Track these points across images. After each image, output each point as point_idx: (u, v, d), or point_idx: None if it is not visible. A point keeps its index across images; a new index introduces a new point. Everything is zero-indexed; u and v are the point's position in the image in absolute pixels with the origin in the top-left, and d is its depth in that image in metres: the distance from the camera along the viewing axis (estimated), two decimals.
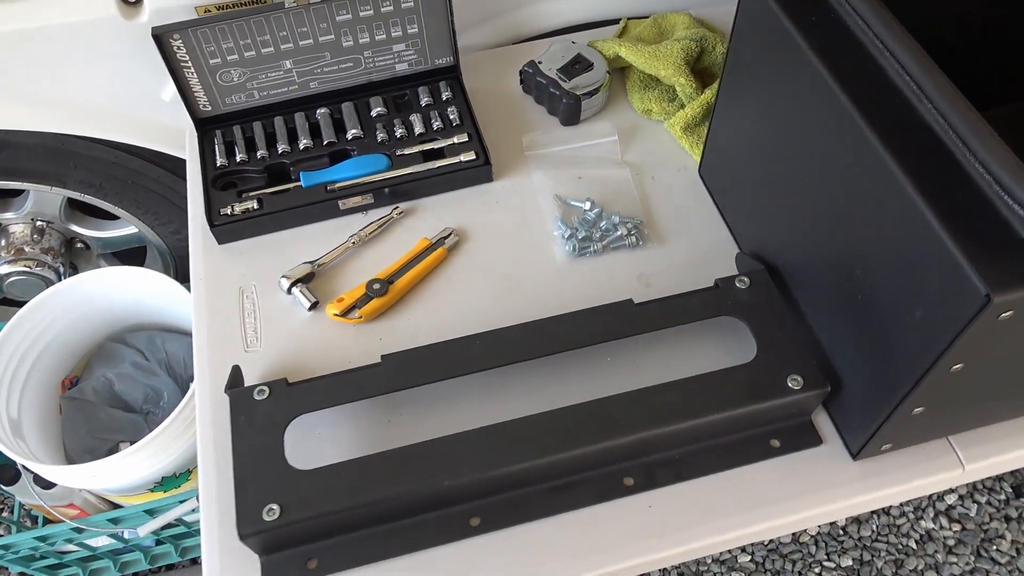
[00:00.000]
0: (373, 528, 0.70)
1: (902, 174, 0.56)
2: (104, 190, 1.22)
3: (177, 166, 1.21)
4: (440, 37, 0.96)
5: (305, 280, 0.85)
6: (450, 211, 0.92)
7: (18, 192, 1.31)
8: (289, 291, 0.84)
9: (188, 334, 1.42)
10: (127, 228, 1.39)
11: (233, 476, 0.67)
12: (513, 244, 0.89)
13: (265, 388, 0.72)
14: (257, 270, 0.88)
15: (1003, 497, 1.53)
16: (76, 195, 1.23)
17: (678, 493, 0.72)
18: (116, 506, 1.36)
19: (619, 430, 0.69)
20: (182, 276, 1.25)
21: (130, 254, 1.48)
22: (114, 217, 1.40)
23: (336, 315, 0.83)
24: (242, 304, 0.85)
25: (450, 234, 0.89)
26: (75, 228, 1.39)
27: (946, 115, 0.53)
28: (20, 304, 1.24)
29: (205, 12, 0.93)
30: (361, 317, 0.82)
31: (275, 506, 0.65)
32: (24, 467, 1.27)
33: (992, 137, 0.51)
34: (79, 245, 1.44)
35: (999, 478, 1.55)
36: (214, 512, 0.72)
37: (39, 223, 1.35)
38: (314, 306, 0.84)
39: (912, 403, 0.62)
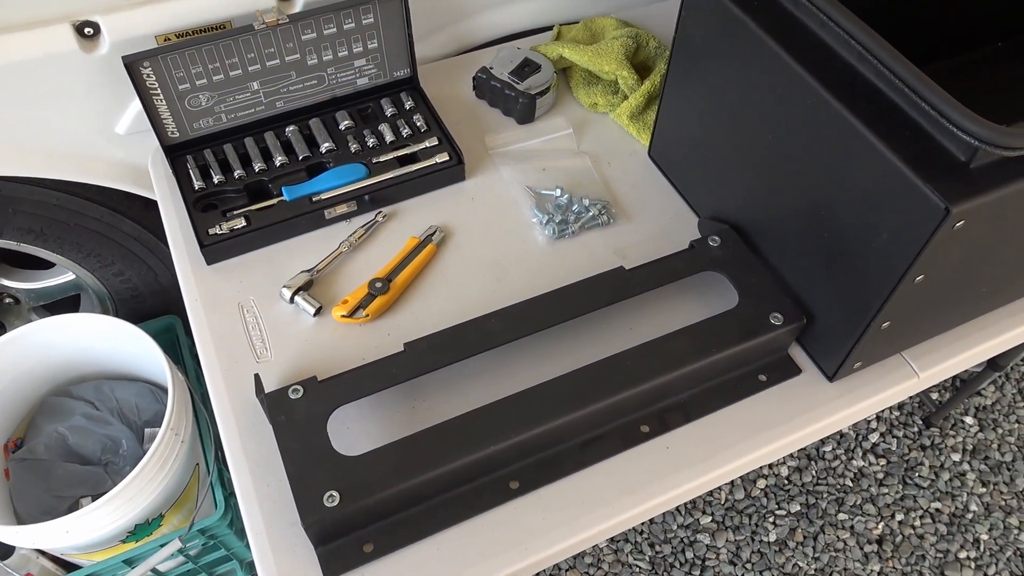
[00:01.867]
0: (421, 504, 0.74)
1: (859, 123, 0.67)
2: (44, 236, 1.18)
3: (121, 203, 1.19)
4: (398, 50, 1.01)
5: (305, 288, 0.88)
6: (430, 211, 0.97)
7: None
8: (292, 300, 0.87)
9: (136, 379, 1.39)
10: (62, 276, 1.35)
11: (286, 472, 0.69)
12: (495, 234, 0.95)
13: (299, 387, 0.74)
14: (252, 285, 0.90)
15: (916, 429, 1.72)
16: (11, 245, 1.19)
17: (688, 433, 0.80)
18: (76, 568, 1.30)
19: (633, 380, 0.77)
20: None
21: (62, 305, 1.42)
22: (45, 267, 1.35)
23: (343, 316, 0.86)
24: (244, 319, 0.87)
25: (436, 231, 0.94)
26: (4, 282, 1.33)
27: (892, 68, 0.64)
28: None
29: (165, 41, 0.94)
30: (368, 316, 0.86)
31: (334, 492, 0.68)
32: None
33: (929, 80, 0.63)
34: (8, 300, 1.37)
35: (910, 413, 1.74)
36: (259, 519, 0.73)
37: None
38: (318, 311, 0.87)
39: (881, 319, 0.73)
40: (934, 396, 1.76)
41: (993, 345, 0.89)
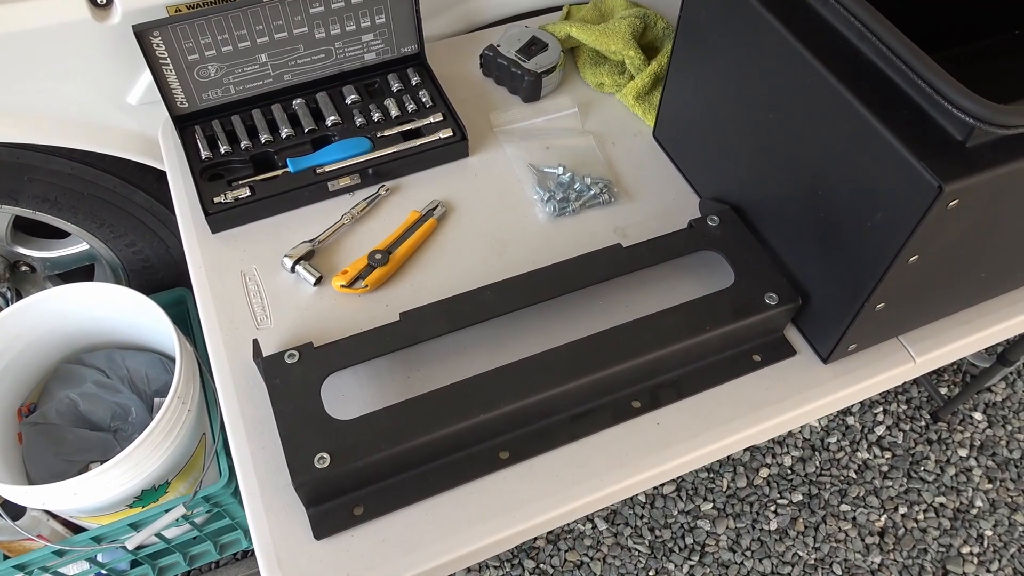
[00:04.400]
0: (412, 471, 0.75)
1: (856, 100, 0.67)
2: (59, 205, 1.20)
3: (133, 175, 1.21)
4: (406, 26, 1.02)
5: (306, 257, 0.89)
6: (432, 186, 0.98)
7: None
8: (293, 269, 0.88)
9: (147, 350, 1.42)
10: (77, 246, 1.37)
11: (279, 433, 0.71)
12: (496, 211, 0.96)
13: (295, 352, 0.76)
14: (255, 254, 0.91)
15: (923, 424, 1.71)
16: (28, 212, 1.21)
17: (680, 410, 0.81)
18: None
19: (627, 355, 0.77)
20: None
21: (76, 275, 1.45)
22: (61, 236, 1.38)
23: (343, 286, 0.87)
24: (246, 286, 0.88)
25: (437, 206, 0.95)
26: (20, 250, 1.36)
27: (890, 44, 0.64)
28: None
29: (176, 11, 0.96)
30: (367, 286, 0.87)
31: (325, 454, 0.69)
32: None
33: (926, 57, 0.62)
34: (24, 268, 1.40)
35: (918, 407, 1.73)
36: (253, 480, 0.75)
37: None
38: (319, 281, 0.88)
39: (876, 299, 0.73)
40: (943, 391, 1.74)
41: (993, 332, 0.88)
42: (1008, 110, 0.59)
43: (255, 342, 0.79)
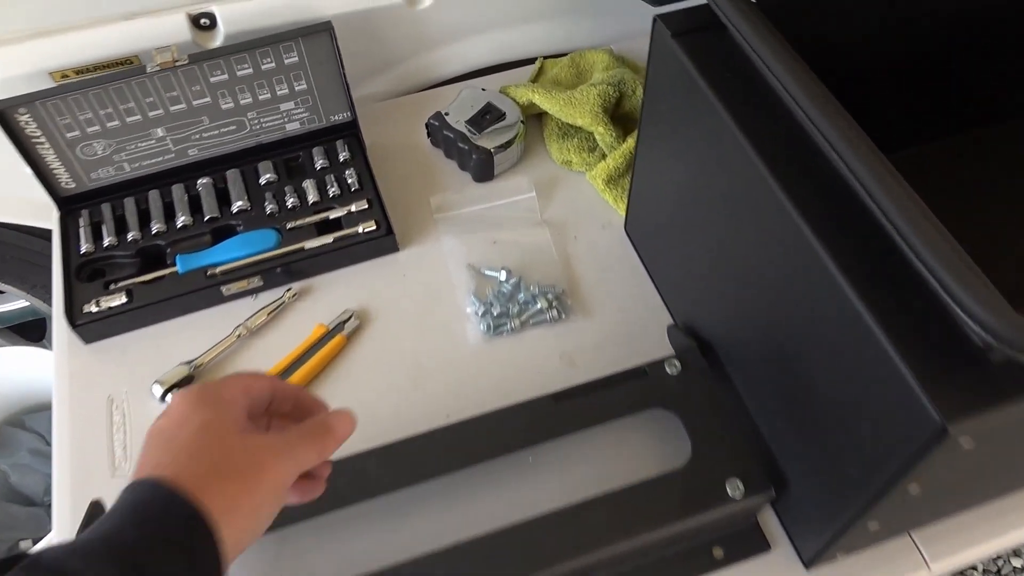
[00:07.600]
0: None
1: (834, 267, 0.47)
2: None
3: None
4: (333, 92, 0.86)
5: (183, 384, 0.74)
6: (350, 288, 0.82)
7: None
8: (163, 399, 0.74)
9: None
10: (19, 301, 1.27)
11: None
12: (421, 325, 0.80)
13: None
14: (130, 371, 0.77)
15: None
16: None
17: None
18: None
19: (543, 560, 0.60)
20: None
21: (29, 327, 1.35)
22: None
23: None
24: (111, 416, 0.74)
25: (349, 318, 0.79)
26: None
27: (882, 206, 0.45)
28: None
29: (63, 78, 0.82)
30: None
31: None
32: None
33: (936, 234, 0.43)
34: None
35: None
36: None
37: None
38: None
39: (865, 520, 0.54)
40: None
41: None
42: None
43: (92, 507, 0.65)
